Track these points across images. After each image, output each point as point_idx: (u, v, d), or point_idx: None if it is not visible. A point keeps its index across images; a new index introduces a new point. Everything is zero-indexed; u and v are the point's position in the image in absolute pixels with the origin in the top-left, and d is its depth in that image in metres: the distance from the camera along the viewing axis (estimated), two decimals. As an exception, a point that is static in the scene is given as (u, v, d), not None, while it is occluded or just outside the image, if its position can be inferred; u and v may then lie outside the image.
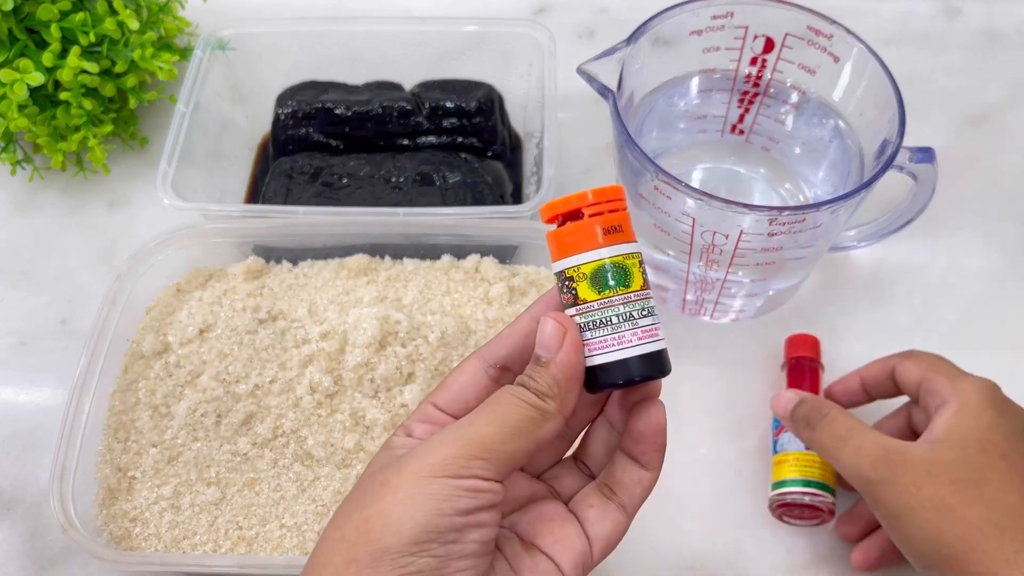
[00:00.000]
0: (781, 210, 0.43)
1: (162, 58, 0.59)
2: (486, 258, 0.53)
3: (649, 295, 0.32)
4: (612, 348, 0.31)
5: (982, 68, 0.68)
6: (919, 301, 0.57)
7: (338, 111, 0.59)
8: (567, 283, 0.32)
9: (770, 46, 0.51)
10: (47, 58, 0.56)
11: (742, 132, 0.55)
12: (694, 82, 0.53)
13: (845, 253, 0.57)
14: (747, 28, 0.50)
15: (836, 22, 0.48)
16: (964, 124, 0.65)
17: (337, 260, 0.54)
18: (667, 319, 0.55)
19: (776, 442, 0.49)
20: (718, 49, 0.51)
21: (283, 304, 0.52)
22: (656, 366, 0.32)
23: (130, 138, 0.64)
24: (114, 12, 0.58)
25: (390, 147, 0.59)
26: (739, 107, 0.54)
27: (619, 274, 0.31)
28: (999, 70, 0.68)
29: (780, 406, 0.46)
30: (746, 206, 0.42)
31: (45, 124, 0.59)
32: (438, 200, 0.55)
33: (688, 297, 0.53)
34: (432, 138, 0.59)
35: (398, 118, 0.59)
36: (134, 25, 0.57)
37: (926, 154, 0.47)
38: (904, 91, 0.46)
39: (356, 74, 0.62)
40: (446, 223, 0.52)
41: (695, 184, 0.52)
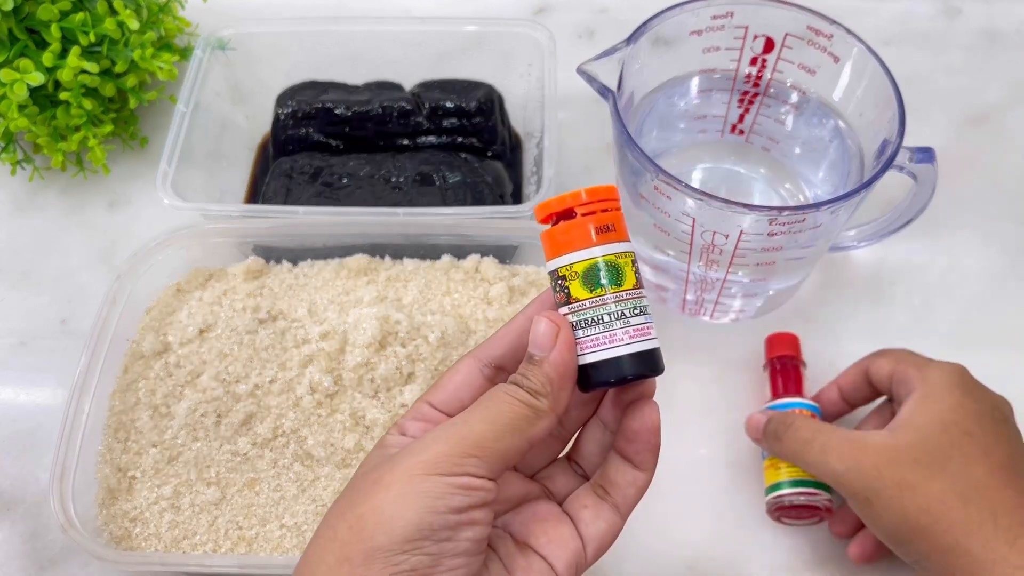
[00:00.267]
0: (781, 210, 0.43)
1: (162, 58, 0.59)
2: (486, 258, 0.53)
3: (642, 294, 0.32)
4: (604, 346, 0.31)
5: (982, 68, 0.68)
6: (919, 301, 0.57)
7: (338, 111, 0.59)
8: (560, 282, 0.32)
9: (770, 46, 0.51)
10: (47, 58, 0.56)
11: (742, 132, 0.55)
12: (694, 82, 0.53)
13: (845, 253, 0.57)
14: (747, 28, 0.50)
15: (836, 22, 0.48)
16: (964, 124, 0.65)
17: (337, 260, 0.54)
18: (667, 319, 0.55)
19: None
20: (718, 49, 0.51)
21: (283, 304, 0.52)
22: (648, 365, 0.32)
23: (130, 138, 0.64)
24: (114, 12, 0.58)
25: (390, 147, 0.59)
26: (739, 107, 0.54)
27: (611, 273, 0.31)
28: (999, 70, 0.68)
29: (752, 429, 0.48)
30: (746, 206, 0.42)
31: (45, 124, 0.59)
32: (438, 200, 0.55)
33: (688, 297, 0.53)
34: (432, 138, 0.59)
35: (398, 118, 0.59)
36: (134, 25, 0.57)
37: (926, 154, 0.47)
38: (904, 91, 0.46)
39: (356, 74, 0.62)
40: (446, 223, 0.52)
41: (695, 184, 0.52)
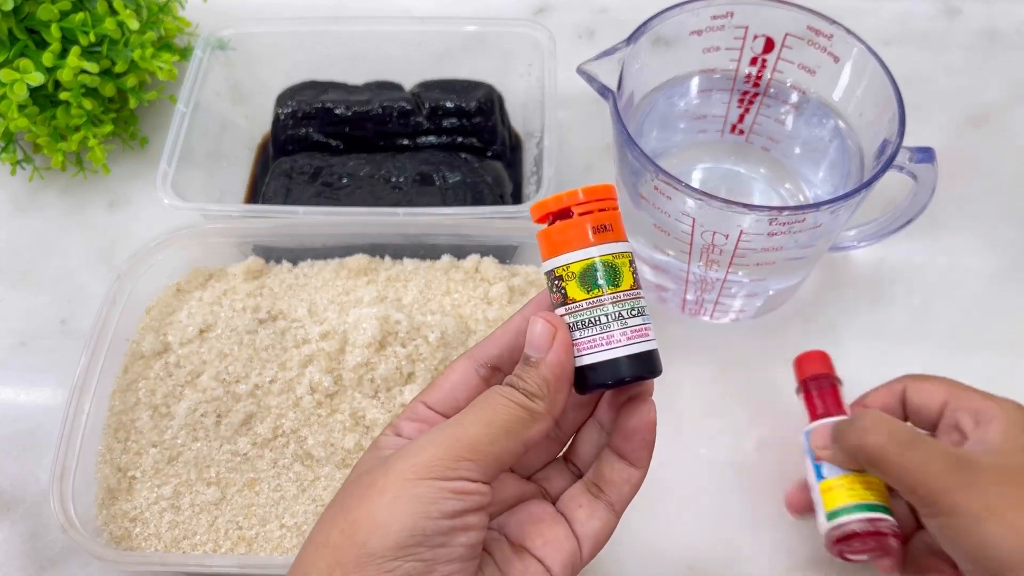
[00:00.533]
0: (781, 210, 0.43)
1: (162, 58, 0.59)
2: (486, 258, 0.53)
3: (640, 295, 0.32)
4: (601, 348, 0.31)
5: (982, 68, 0.68)
6: (919, 301, 0.57)
7: (338, 111, 0.59)
8: (556, 282, 0.32)
9: (770, 46, 0.51)
10: (47, 58, 0.56)
11: (742, 132, 0.55)
12: (694, 82, 0.53)
13: (845, 253, 0.57)
14: (747, 28, 0.50)
15: (836, 22, 0.48)
16: (964, 124, 0.65)
17: (337, 260, 0.54)
18: (667, 319, 0.55)
19: (818, 468, 0.44)
20: (718, 49, 0.51)
21: (283, 304, 0.52)
22: (646, 366, 0.31)
23: (130, 138, 0.64)
24: (114, 12, 0.58)
25: (390, 147, 0.59)
26: (739, 107, 0.54)
27: (608, 273, 0.31)
28: (999, 70, 0.68)
29: (819, 438, 0.44)
30: (746, 206, 0.42)
31: (45, 124, 0.59)
32: (438, 200, 0.55)
33: (688, 297, 0.53)
34: (432, 138, 0.59)
35: (398, 118, 0.59)
36: (134, 25, 0.57)
37: (926, 154, 0.47)
38: (904, 91, 0.46)
39: (356, 74, 0.62)
40: (446, 223, 0.52)
41: (695, 184, 0.52)
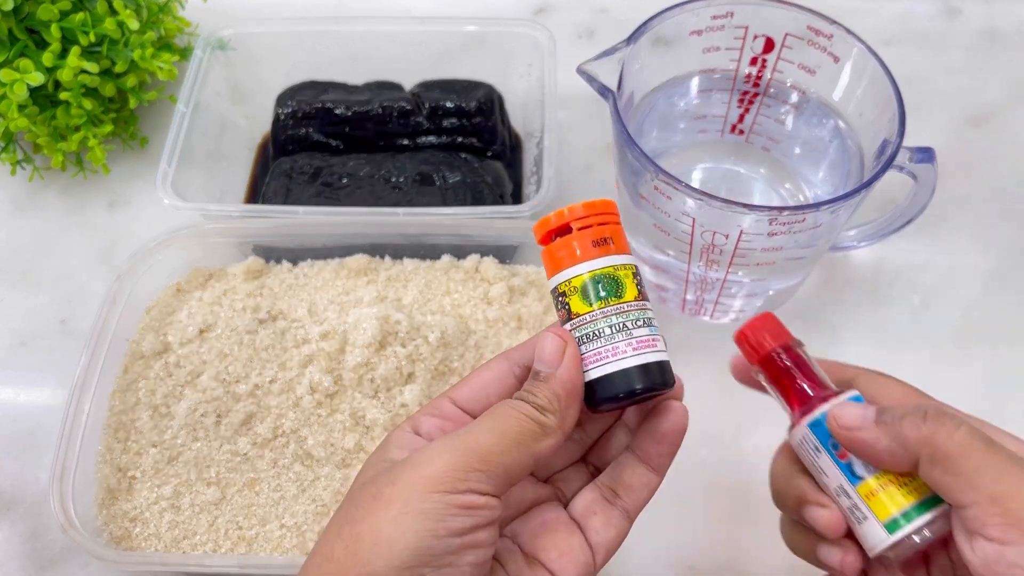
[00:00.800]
0: (781, 210, 0.43)
1: (162, 58, 0.59)
2: (486, 258, 0.53)
3: (646, 306, 0.31)
4: (607, 360, 0.30)
5: (982, 68, 0.68)
6: (919, 301, 0.57)
7: (338, 111, 0.59)
8: (561, 298, 0.31)
9: (770, 46, 0.51)
10: (47, 58, 0.56)
11: (742, 132, 0.55)
12: (694, 82, 0.53)
13: (845, 253, 0.57)
14: (747, 28, 0.50)
15: (836, 22, 0.48)
16: (964, 124, 0.65)
17: (337, 260, 0.54)
18: (667, 319, 0.55)
19: (847, 467, 0.33)
20: (718, 49, 0.51)
21: (283, 304, 0.52)
22: (655, 377, 0.31)
23: (130, 138, 0.64)
24: (114, 12, 0.58)
25: (390, 147, 0.59)
26: (739, 107, 0.54)
27: (609, 285, 0.31)
28: (999, 70, 0.68)
29: (856, 418, 0.32)
30: (746, 206, 0.42)
31: (45, 124, 0.59)
32: (438, 200, 0.55)
33: (688, 297, 0.53)
34: (432, 138, 0.59)
35: (398, 118, 0.59)
36: (134, 25, 0.57)
37: (926, 154, 0.47)
38: (904, 91, 0.46)
39: (356, 74, 0.62)
40: (446, 223, 0.52)
41: (695, 184, 0.52)
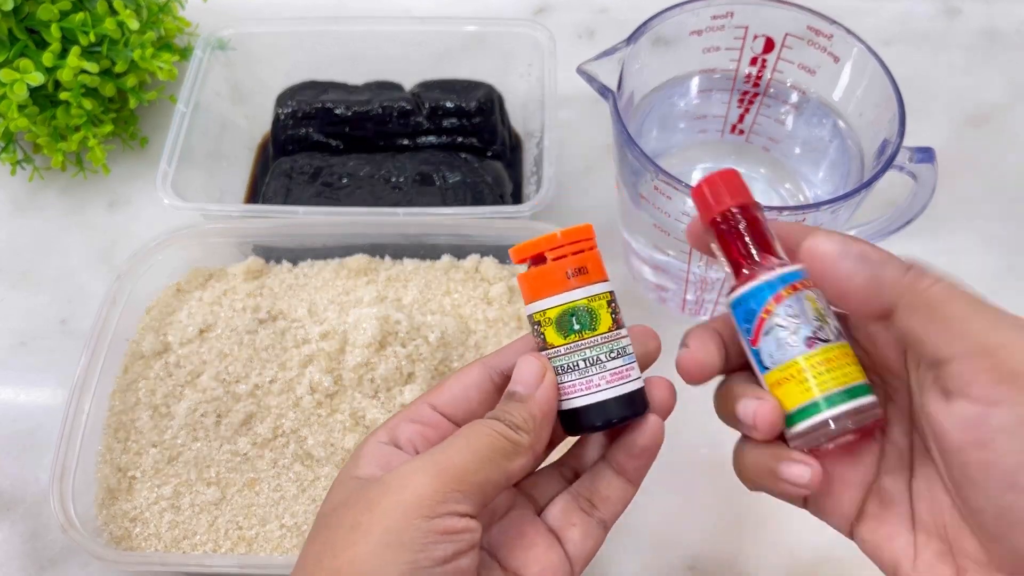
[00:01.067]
0: (781, 210, 0.43)
1: (162, 58, 0.59)
2: (486, 258, 0.53)
3: (620, 335, 0.32)
4: (582, 393, 0.31)
5: (982, 68, 0.68)
6: (919, 301, 0.57)
7: (338, 111, 0.59)
8: (536, 327, 0.32)
9: (770, 46, 0.51)
10: (47, 58, 0.56)
11: (742, 132, 0.55)
12: (694, 82, 0.53)
13: (845, 253, 0.57)
14: (747, 28, 0.50)
15: (836, 22, 0.48)
16: (964, 124, 0.65)
17: (337, 260, 0.54)
18: (667, 319, 0.55)
19: (757, 352, 0.30)
20: (718, 49, 0.51)
21: (283, 304, 0.52)
22: (628, 408, 0.31)
23: (130, 138, 0.64)
24: (114, 12, 0.58)
25: (390, 147, 0.59)
26: (739, 107, 0.54)
27: (584, 318, 0.31)
28: (999, 70, 0.68)
29: (831, 244, 0.28)
30: (746, 206, 0.42)
31: (45, 124, 0.59)
32: (438, 200, 0.55)
33: (688, 297, 0.53)
34: (432, 138, 0.59)
35: (398, 118, 0.59)
36: (134, 25, 0.57)
37: (926, 154, 0.47)
38: (904, 91, 0.46)
39: (356, 74, 0.62)
40: (446, 223, 0.52)
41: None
